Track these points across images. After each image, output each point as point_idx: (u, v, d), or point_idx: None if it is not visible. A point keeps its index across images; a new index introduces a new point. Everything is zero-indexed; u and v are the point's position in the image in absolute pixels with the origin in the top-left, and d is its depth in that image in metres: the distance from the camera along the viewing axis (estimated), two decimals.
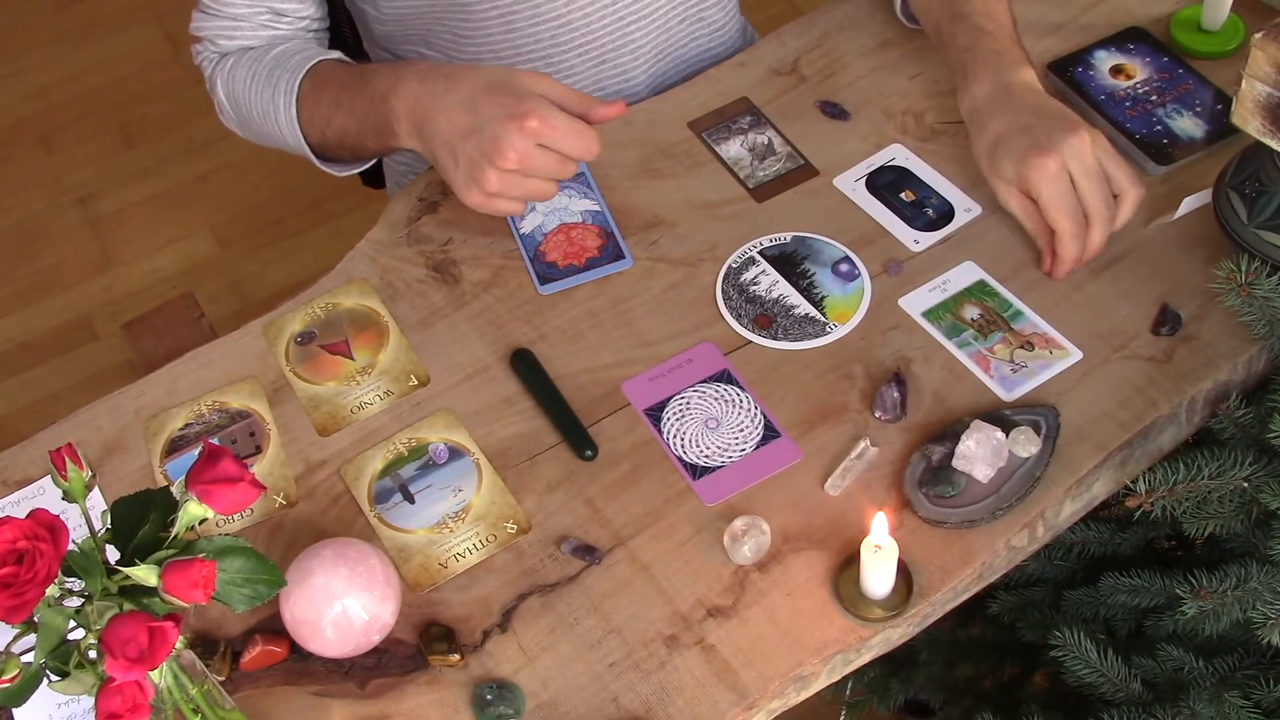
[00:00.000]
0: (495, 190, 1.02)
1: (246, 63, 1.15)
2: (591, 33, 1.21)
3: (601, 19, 1.20)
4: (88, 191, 2.50)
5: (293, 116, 1.11)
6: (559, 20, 1.19)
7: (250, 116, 1.16)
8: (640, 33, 1.23)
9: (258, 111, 1.14)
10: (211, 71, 1.19)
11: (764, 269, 1.06)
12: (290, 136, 1.13)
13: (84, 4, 2.84)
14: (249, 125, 1.19)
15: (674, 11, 1.25)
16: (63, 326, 2.30)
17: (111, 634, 0.66)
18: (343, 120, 1.09)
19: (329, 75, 1.11)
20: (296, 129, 1.12)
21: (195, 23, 1.19)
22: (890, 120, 1.16)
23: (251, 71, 1.15)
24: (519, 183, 1.02)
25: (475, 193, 1.02)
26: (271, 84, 1.12)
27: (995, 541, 0.90)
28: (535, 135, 0.99)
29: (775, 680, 0.85)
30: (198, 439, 1.00)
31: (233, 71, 1.16)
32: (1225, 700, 0.92)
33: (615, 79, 1.25)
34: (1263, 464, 0.89)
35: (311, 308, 1.08)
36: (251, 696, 0.87)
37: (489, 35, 1.19)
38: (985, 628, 1.24)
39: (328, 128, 1.11)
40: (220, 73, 1.18)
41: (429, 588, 0.91)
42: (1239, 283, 0.89)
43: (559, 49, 1.21)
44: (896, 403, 0.96)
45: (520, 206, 1.05)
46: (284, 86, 1.11)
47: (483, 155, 1.00)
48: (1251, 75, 0.90)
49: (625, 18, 1.21)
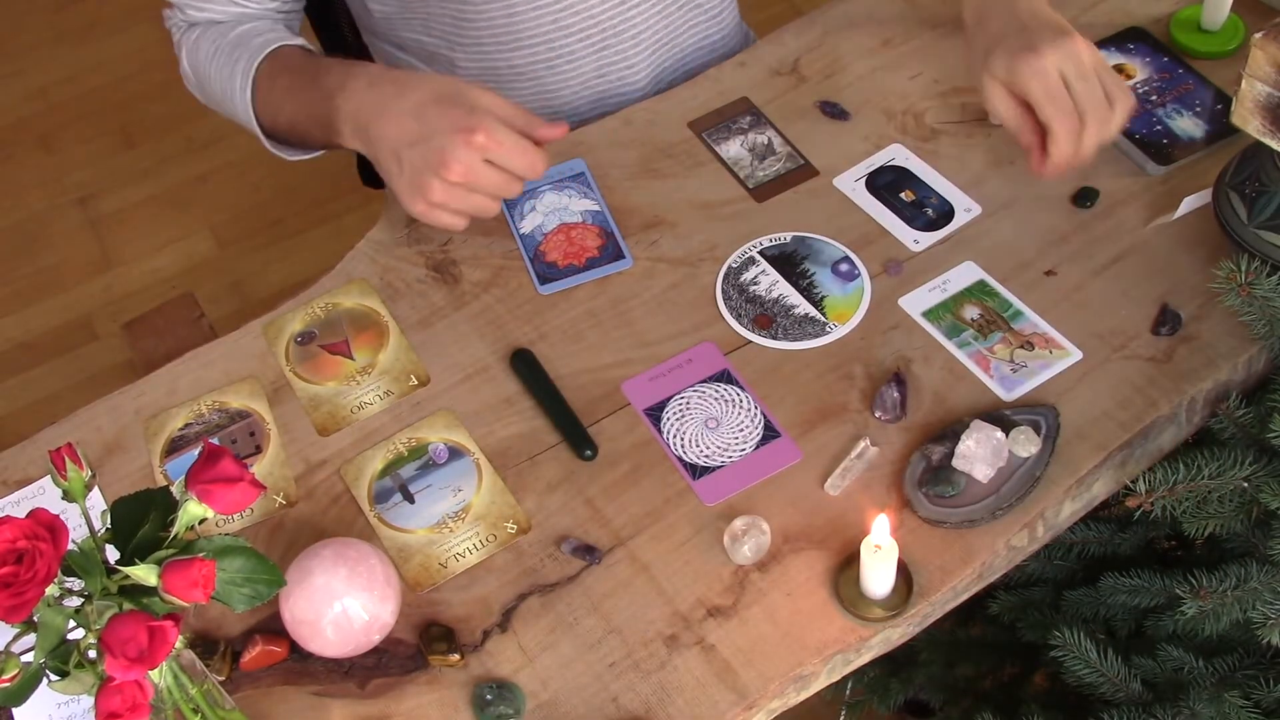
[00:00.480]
0: (439, 201, 1.00)
1: (211, 36, 1.17)
2: (593, 17, 1.21)
3: (603, 3, 1.20)
4: (88, 191, 2.50)
5: (247, 99, 1.13)
6: (561, 5, 1.19)
7: (210, 91, 1.18)
8: (641, 17, 1.23)
9: (216, 87, 1.16)
10: (179, 38, 1.21)
11: (764, 269, 1.06)
12: (244, 115, 1.14)
13: (84, 4, 2.84)
14: (209, 97, 1.20)
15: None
16: (63, 326, 2.30)
17: (111, 633, 0.66)
18: (292, 110, 1.10)
19: (285, 63, 1.12)
20: (250, 111, 1.13)
21: None
22: (890, 120, 1.16)
23: (215, 46, 1.16)
24: (463, 196, 1.01)
25: (419, 201, 1.01)
26: (231, 62, 1.14)
27: (995, 541, 0.90)
28: (482, 150, 0.98)
29: (775, 680, 0.85)
30: (198, 439, 1.00)
31: (197, 43, 1.18)
32: (1225, 700, 0.92)
33: (617, 64, 1.25)
34: (1263, 464, 0.89)
35: (311, 308, 1.08)
36: (251, 696, 0.87)
37: (490, 20, 1.19)
38: (985, 628, 1.24)
39: (279, 114, 1.12)
40: (186, 41, 1.20)
41: (429, 588, 0.91)
42: (1239, 283, 0.89)
43: (560, 32, 1.21)
44: (896, 403, 0.96)
45: (463, 222, 1.03)
46: (242, 67, 1.13)
47: (428, 165, 0.99)
48: (1251, 75, 0.90)
49: (626, 1, 1.21)
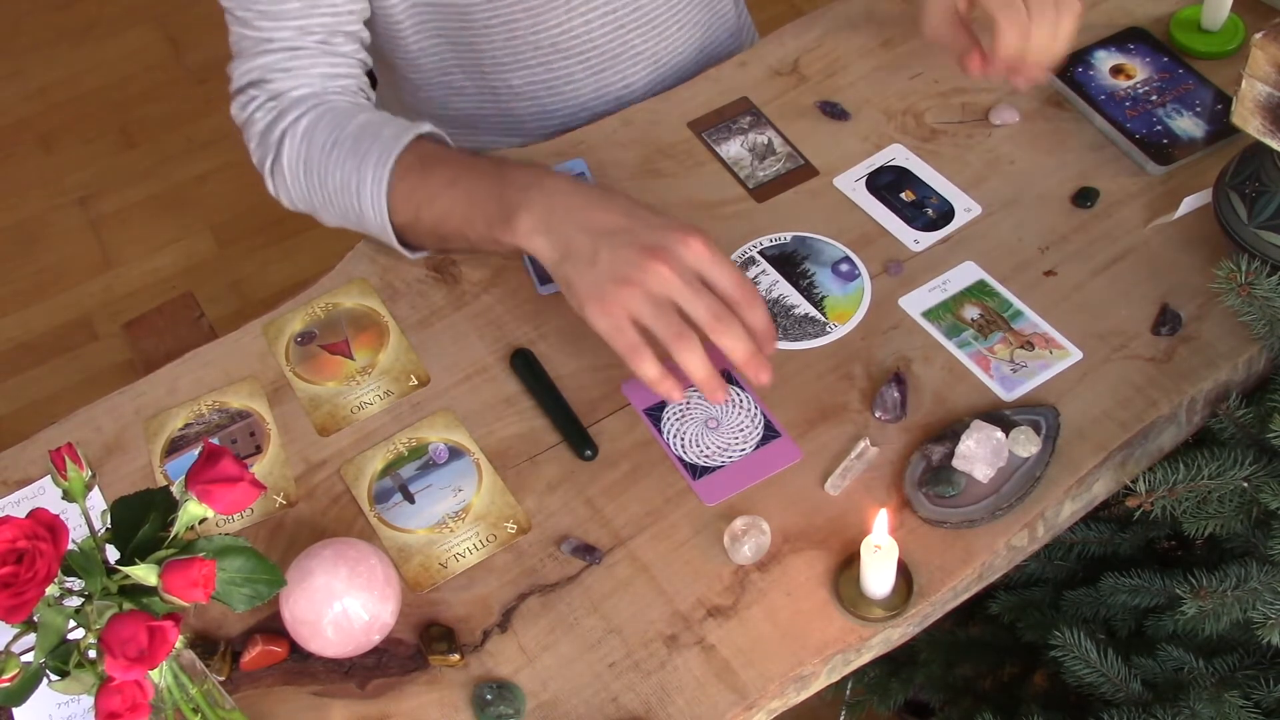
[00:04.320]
0: (635, 302, 0.85)
1: (327, 126, 1.05)
2: (592, 41, 1.21)
3: (601, 27, 1.20)
4: (88, 191, 2.50)
5: (381, 191, 1.01)
6: (561, 29, 1.19)
7: (321, 184, 1.05)
8: (640, 40, 1.23)
9: (334, 180, 1.04)
10: (268, 125, 1.08)
11: (764, 269, 1.06)
12: (371, 209, 1.02)
13: (84, 4, 2.84)
14: (311, 194, 1.07)
15: (674, 17, 1.25)
16: (63, 326, 2.30)
17: (111, 633, 0.66)
18: (450, 201, 0.99)
19: (441, 155, 1.02)
20: (383, 204, 1.01)
21: (239, 69, 1.09)
22: (890, 120, 1.16)
23: (333, 137, 1.04)
24: (666, 310, 0.85)
25: (610, 300, 0.86)
26: (359, 153, 1.02)
27: (995, 541, 0.90)
28: (699, 257, 0.87)
29: (775, 680, 0.85)
30: (198, 439, 1.00)
31: (310, 133, 1.05)
32: (1225, 700, 0.92)
33: (615, 85, 1.25)
34: (1263, 464, 0.89)
35: (311, 308, 1.08)
36: (251, 696, 0.87)
37: (491, 42, 1.19)
38: (985, 628, 1.24)
39: (427, 206, 1.00)
40: (293, 131, 1.06)
41: (429, 588, 0.91)
42: (1239, 282, 0.89)
43: (559, 56, 1.21)
44: (896, 403, 0.96)
45: (648, 359, 0.87)
46: (375, 158, 1.01)
47: (635, 257, 0.85)
48: (1251, 75, 0.90)
49: (625, 25, 1.21)
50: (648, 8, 1.22)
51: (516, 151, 1.18)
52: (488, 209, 0.96)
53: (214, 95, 2.59)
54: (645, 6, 1.22)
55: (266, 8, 1.06)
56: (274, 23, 1.06)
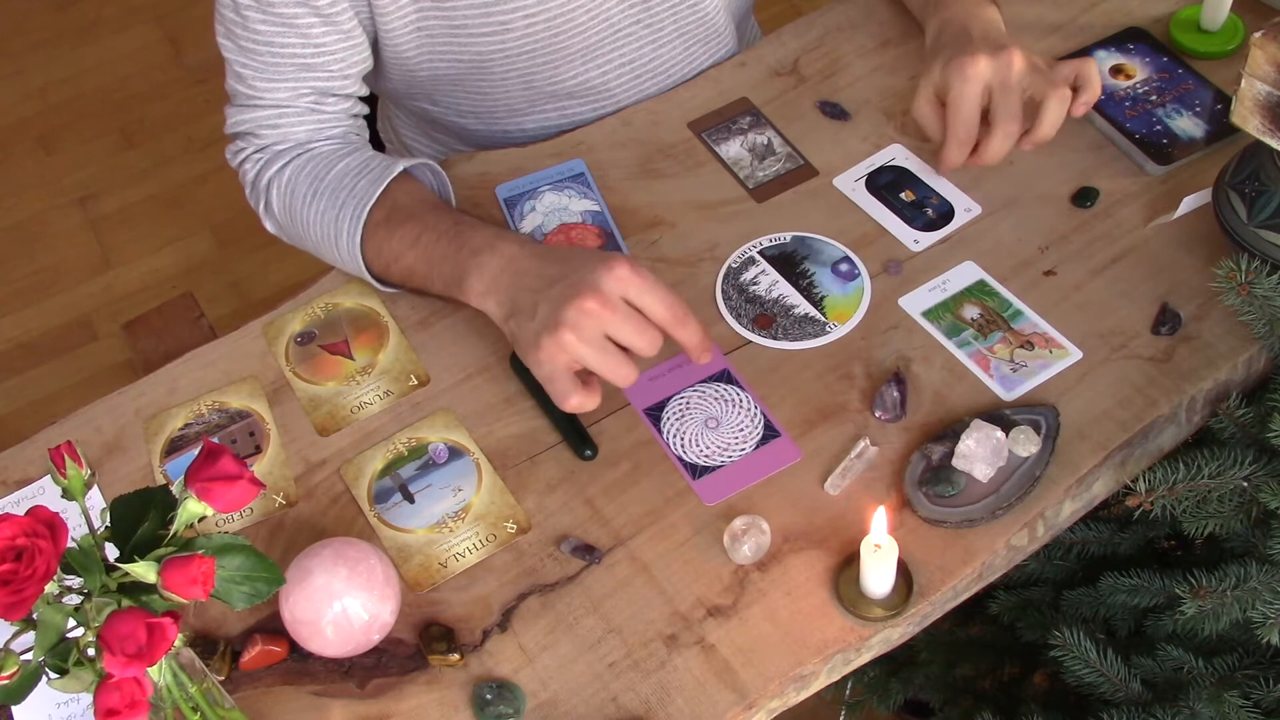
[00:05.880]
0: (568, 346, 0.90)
1: (306, 178, 1.08)
2: (609, 90, 1.21)
3: (619, 77, 1.20)
4: (88, 191, 2.50)
5: (355, 245, 1.04)
6: (578, 79, 1.19)
7: (306, 234, 1.09)
8: (655, 89, 1.23)
9: (316, 231, 1.07)
10: (256, 174, 1.11)
11: (764, 269, 1.06)
12: (350, 262, 1.06)
13: (84, 4, 2.84)
14: (301, 239, 1.11)
15: (690, 65, 1.25)
16: (63, 326, 2.30)
17: (110, 630, 0.66)
18: (413, 260, 1.02)
19: (408, 211, 1.04)
20: (359, 257, 1.05)
21: (231, 119, 1.11)
22: (890, 120, 1.16)
23: (312, 189, 1.07)
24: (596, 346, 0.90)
25: (543, 349, 0.91)
26: (336, 205, 1.06)
27: (995, 541, 0.90)
28: (625, 284, 0.90)
29: (775, 680, 0.85)
30: (197, 439, 1.00)
31: (291, 185, 1.09)
32: (1225, 700, 0.92)
33: None
34: (1263, 464, 0.89)
35: (311, 308, 1.08)
36: (251, 696, 0.87)
37: (507, 92, 1.19)
38: (985, 628, 1.24)
39: (395, 262, 1.04)
40: (277, 181, 1.10)
41: (429, 587, 0.91)
42: (1239, 282, 0.89)
43: (575, 101, 1.21)
44: (896, 402, 0.96)
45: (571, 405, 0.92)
46: (350, 213, 1.04)
47: (565, 301, 0.90)
48: (1251, 75, 0.90)
49: (642, 75, 1.22)
50: (666, 58, 1.22)
51: (517, 151, 1.18)
52: (444, 270, 1.00)
53: (214, 95, 2.59)
54: (664, 57, 1.22)
55: (263, 67, 1.07)
56: (269, 83, 1.08)
